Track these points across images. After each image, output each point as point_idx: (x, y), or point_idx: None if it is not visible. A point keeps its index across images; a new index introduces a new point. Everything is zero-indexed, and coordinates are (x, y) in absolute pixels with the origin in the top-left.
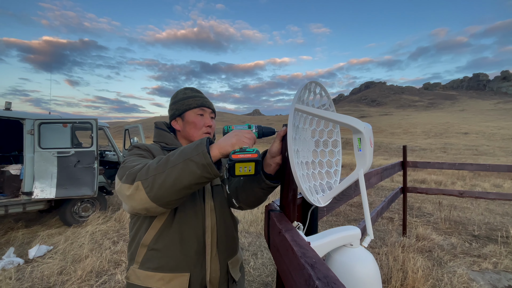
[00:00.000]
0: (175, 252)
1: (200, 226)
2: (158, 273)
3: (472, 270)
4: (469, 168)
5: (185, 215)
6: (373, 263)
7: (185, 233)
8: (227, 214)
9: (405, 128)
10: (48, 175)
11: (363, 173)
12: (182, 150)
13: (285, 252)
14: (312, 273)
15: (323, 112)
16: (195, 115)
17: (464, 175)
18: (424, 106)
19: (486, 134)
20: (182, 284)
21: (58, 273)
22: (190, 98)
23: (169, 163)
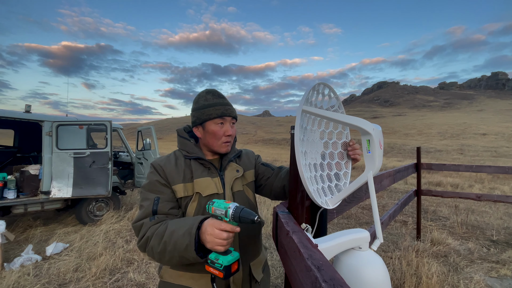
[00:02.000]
0: None
1: None
2: (188, 272)
3: (490, 277)
4: (487, 170)
5: None
6: (382, 266)
7: None
8: None
9: (419, 129)
10: (65, 175)
11: (372, 175)
12: (175, 244)
13: (293, 253)
14: (319, 275)
15: (331, 113)
16: (215, 125)
17: (482, 178)
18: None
19: (505, 135)
20: (208, 283)
21: (74, 270)
22: (211, 107)
23: (166, 253)
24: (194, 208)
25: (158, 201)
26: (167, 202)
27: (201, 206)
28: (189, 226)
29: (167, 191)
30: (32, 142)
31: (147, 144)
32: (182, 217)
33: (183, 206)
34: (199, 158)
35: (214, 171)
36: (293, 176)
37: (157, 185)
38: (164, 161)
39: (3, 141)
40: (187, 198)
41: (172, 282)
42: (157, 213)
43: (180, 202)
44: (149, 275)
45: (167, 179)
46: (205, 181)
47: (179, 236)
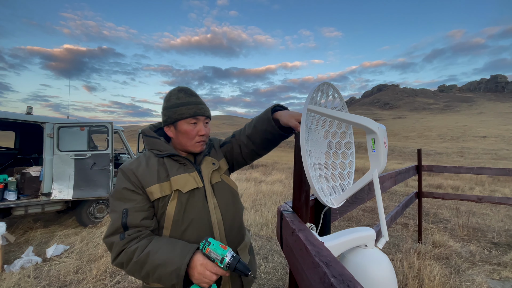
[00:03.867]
0: None
1: (207, 224)
2: None
3: (492, 279)
4: (488, 172)
5: (190, 218)
6: (388, 265)
7: (194, 234)
8: (231, 206)
9: (419, 132)
10: (66, 177)
11: (377, 174)
12: (160, 279)
13: (299, 251)
14: (327, 271)
15: (336, 112)
16: (188, 124)
17: (482, 180)
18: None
19: (505, 138)
20: None
21: (74, 272)
22: (183, 106)
23: (149, 281)
24: (174, 206)
25: (127, 213)
26: (138, 212)
27: (182, 204)
28: (177, 266)
29: (137, 198)
30: (33, 143)
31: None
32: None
33: (161, 206)
34: (172, 155)
35: (190, 166)
36: (297, 175)
37: (124, 193)
38: (134, 164)
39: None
40: (165, 198)
41: None
42: (127, 228)
43: (157, 203)
44: None
45: (139, 182)
46: (183, 177)
47: (165, 274)
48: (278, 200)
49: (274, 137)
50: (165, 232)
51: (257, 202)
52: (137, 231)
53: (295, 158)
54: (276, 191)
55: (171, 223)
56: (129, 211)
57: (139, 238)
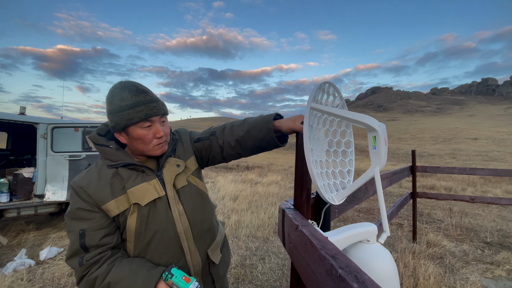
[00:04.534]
0: (156, 263)
1: (172, 235)
2: None
3: (485, 278)
4: (480, 173)
5: (153, 230)
6: (390, 259)
7: (160, 245)
8: (199, 211)
9: (412, 134)
10: (60, 178)
11: (378, 170)
12: None
13: (303, 246)
14: (334, 263)
15: (339, 110)
16: (141, 129)
17: (474, 181)
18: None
19: (496, 140)
20: None
21: (69, 274)
22: (131, 109)
23: None
24: (134, 220)
25: (85, 234)
26: (96, 231)
27: (143, 217)
28: (144, 280)
29: (95, 216)
30: (26, 144)
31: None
32: (121, 262)
33: (122, 221)
34: (127, 164)
35: (149, 173)
36: (299, 174)
37: (79, 213)
38: (84, 180)
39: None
40: (124, 212)
41: None
42: (87, 249)
43: (117, 218)
44: None
45: (93, 201)
46: (141, 188)
47: (129, 284)
48: (274, 201)
49: (269, 145)
50: (129, 246)
51: (253, 203)
52: (97, 254)
53: (296, 157)
54: (272, 193)
55: (133, 237)
56: (87, 231)
57: (99, 263)
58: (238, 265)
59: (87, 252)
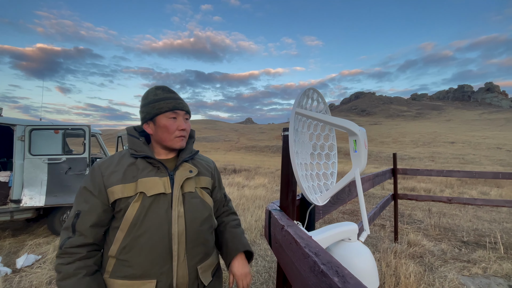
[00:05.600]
0: (141, 260)
1: (165, 234)
2: (126, 280)
3: (463, 275)
4: (456, 175)
5: (149, 224)
6: (370, 256)
7: (150, 241)
8: (199, 219)
9: (394, 137)
10: (38, 183)
11: (359, 172)
12: None
13: (288, 245)
14: (317, 259)
15: (322, 115)
16: (167, 119)
17: (452, 183)
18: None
19: (472, 143)
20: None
21: (47, 283)
22: (162, 101)
23: None
24: (136, 209)
25: (79, 215)
26: (88, 216)
27: (144, 208)
28: None
29: (93, 201)
30: (2, 147)
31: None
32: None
33: (123, 207)
34: (147, 157)
35: (163, 170)
36: (285, 176)
37: (84, 193)
38: (105, 162)
39: None
40: (128, 199)
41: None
42: (74, 231)
43: (118, 203)
44: None
45: (102, 183)
46: (151, 180)
47: None
48: (261, 204)
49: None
50: (120, 235)
51: (240, 206)
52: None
53: (282, 160)
54: (259, 196)
55: (127, 226)
56: (81, 213)
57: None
58: (225, 268)
59: (74, 234)
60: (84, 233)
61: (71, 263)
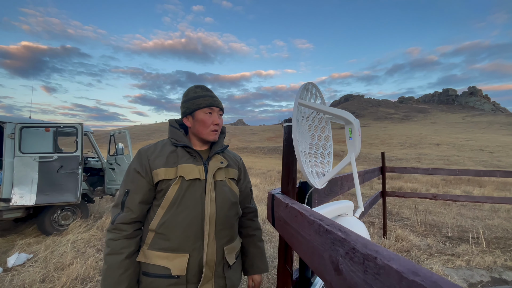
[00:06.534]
0: (177, 235)
1: (199, 214)
2: (163, 253)
3: (447, 267)
4: (441, 172)
5: (186, 205)
6: (364, 230)
7: (186, 219)
8: (227, 206)
9: (382, 139)
10: (28, 181)
11: (354, 157)
12: (101, 282)
13: (293, 218)
14: (321, 223)
15: (323, 106)
16: (204, 114)
17: (437, 183)
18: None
19: (456, 145)
20: (182, 263)
21: (41, 281)
22: (200, 98)
23: (102, 276)
24: (175, 190)
25: (128, 193)
26: (136, 195)
27: (182, 189)
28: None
29: (141, 181)
30: None
31: (119, 149)
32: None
33: (164, 188)
34: (186, 146)
35: (199, 160)
36: (286, 165)
37: (132, 174)
38: (150, 148)
39: None
40: (169, 181)
41: (146, 262)
42: (123, 207)
43: (160, 184)
44: None
45: (148, 165)
46: (189, 167)
47: (110, 284)
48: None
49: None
50: (160, 211)
51: None
52: (126, 222)
53: (283, 149)
54: None
55: (168, 204)
56: (130, 192)
57: (120, 234)
58: None
59: (122, 210)
60: (133, 209)
61: (118, 240)
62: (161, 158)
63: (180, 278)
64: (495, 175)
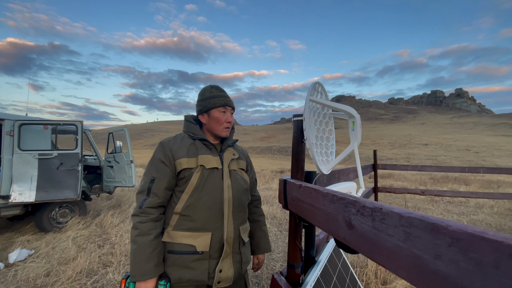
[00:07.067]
0: (201, 216)
1: (219, 198)
2: (188, 232)
3: None
4: (428, 169)
5: (207, 190)
6: None
7: (208, 202)
8: (242, 191)
9: (373, 139)
10: (28, 178)
11: (357, 145)
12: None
13: (308, 195)
14: (335, 193)
15: (330, 102)
16: (218, 112)
17: (425, 182)
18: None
19: (443, 145)
20: (206, 241)
21: (45, 275)
22: (215, 98)
23: (130, 256)
24: (197, 177)
25: (153, 181)
26: (161, 182)
27: (203, 176)
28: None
29: (165, 170)
30: None
31: (118, 147)
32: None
33: (187, 175)
34: (203, 139)
35: (214, 151)
36: (295, 156)
37: (157, 163)
38: (171, 141)
39: None
40: (191, 169)
41: (171, 241)
42: (149, 193)
43: (183, 172)
44: None
45: (171, 155)
46: (208, 157)
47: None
48: None
49: None
50: (184, 196)
51: None
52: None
53: (293, 142)
54: None
55: (191, 190)
56: (156, 179)
57: (148, 217)
58: None
59: (148, 196)
60: (158, 195)
61: (146, 223)
62: (183, 150)
63: (204, 253)
64: (478, 171)
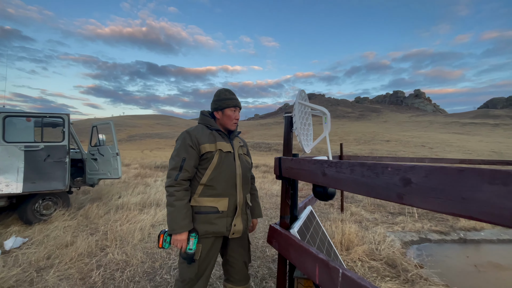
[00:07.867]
0: (221, 186)
1: (233, 173)
2: (211, 198)
3: (388, 231)
4: (385, 160)
5: (225, 167)
6: None
7: (225, 176)
8: (247, 169)
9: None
10: (14, 170)
11: (327, 134)
12: (172, 218)
13: (298, 163)
14: (315, 159)
15: (312, 104)
16: (230, 111)
17: None
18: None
19: (403, 142)
20: (224, 203)
21: (46, 258)
22: (229, 100)
23: (168, 216)
24: (217, 158)
25: (184, 161)
26: (191, 161)
27: (221, 158)
28: (174, 228)
29: (193, 152)
30: None
31: (101, 140)
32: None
33: (209, 157)
34: (218, 130)
35: (227, 139)
36: (286, 140)
37: (187, 147)
38: (194, 130)
39: None
40: (212, 152)
41: (197, 205)
42: (181, 169)
43: (206, 155)
44: (128, 254)
45: (197, 141)
46: (223, 144)
47: (170, 222)
48: None
49: None
50: (208, 172)
51: None
52: (184, 179)
53: (285, 131)
54: None
55: (214, 167)
56: (186, 159)
57: (182, 187)
58: None
59: (181, 171)
60: (188, 170)
61: (181, 191)
62: (204, 137)
63: (223, 213)
64: (424, 161)
